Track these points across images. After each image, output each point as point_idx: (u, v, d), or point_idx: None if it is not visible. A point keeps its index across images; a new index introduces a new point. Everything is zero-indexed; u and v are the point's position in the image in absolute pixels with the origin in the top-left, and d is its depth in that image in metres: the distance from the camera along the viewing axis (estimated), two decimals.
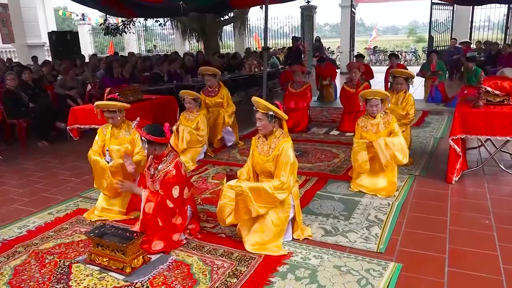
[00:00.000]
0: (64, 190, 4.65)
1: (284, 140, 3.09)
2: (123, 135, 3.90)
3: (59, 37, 13.89)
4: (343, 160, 5.24)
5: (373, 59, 21.78)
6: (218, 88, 6.03)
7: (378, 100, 4.11)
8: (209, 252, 3.09)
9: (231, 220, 3.11)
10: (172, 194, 3.09)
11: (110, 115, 3.83)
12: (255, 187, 3.00)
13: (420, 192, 4.17)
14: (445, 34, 14.82)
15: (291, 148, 3.07)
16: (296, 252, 3.05)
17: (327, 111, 8.82)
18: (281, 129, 3.18)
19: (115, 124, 3.89)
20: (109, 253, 2.89)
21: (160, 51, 21.89)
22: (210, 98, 5.99)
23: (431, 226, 3.42)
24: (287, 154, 3.02)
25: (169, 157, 3.20)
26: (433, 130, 6.74)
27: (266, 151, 3.15)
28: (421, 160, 5.13)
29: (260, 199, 2.99)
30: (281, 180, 2.99)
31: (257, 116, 3.12)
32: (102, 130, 3.99)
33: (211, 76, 5.96)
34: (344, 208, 3.81)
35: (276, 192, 2.98)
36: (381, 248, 3.07)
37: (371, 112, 4.19)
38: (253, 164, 3.30)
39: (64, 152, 6.29)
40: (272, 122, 3.09)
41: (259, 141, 3.27)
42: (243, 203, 2.99)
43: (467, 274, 2.73)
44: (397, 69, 5.73)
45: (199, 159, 5.48)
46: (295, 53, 12.03)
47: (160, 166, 3.18)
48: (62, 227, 3.65)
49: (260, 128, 3.14)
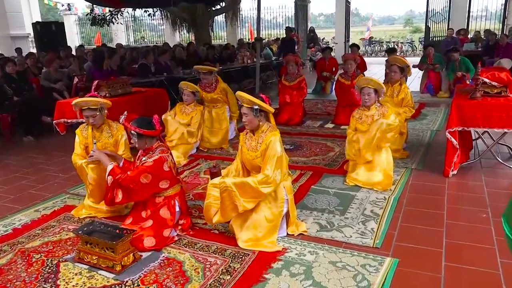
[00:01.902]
0: (51, 187, 4.62)
1: (272, 134, 3.09)
2: (106, 138, 3.75)
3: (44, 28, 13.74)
4: (338, 154, 5.26)
5: (368, 50, 21.82)
6: (215, 83, 5.92)
7: (371, 89, 4.13)
8: (201, 249, 3.09)
9: (218, 218, 3.11)
10: (140, 179, 3.10)
11: (90, 113, 3.66)
12: (239, 182, 3.00)
13: (416, 186, 4.20)
14: (442, 24, 14.87)
15: (279, 141, 3.06)
16: (290, 248, 3.06)
17: (322, 103, 8.83)
18: (268, 123, 3.17)
19: (95, 124, 3.72)
20: (99, 251, 2.88)
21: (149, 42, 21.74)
22: (207, 94, 5.94)
23: (427, 220, 3.44)
24: (274, 148, 3.02)
25: (155, 152, 3.18)
26: (430, 123, 6.78)
27: (254, 146, 3.15)
28: (417, 153, 5.16)
29: (245, 194, 2.98)
30: (265, 173, 2.98)
31: (242, 111, 3.12)
32: (81, 132, 3.83)
33: (206, 74, 5.87)
34: (340, 202, 3.83)
35: (261, 186, 2.96)
36: (377, 243, 3.09)
37: (364, 101, 4.20)
38: (243, 161, 3.29)
39: (51, 147, 6.24)
40: (258, 116, 3.08)
41: (247, 136, 3.26)
42: (229, 199, 2.99)
43: (464, 268, 2.76)
44: (392, 56, 5.74)
45: (191, 153, 5.46)
46: (288, 44, 11.99)
47: (144, 158, 3.20)
48: (49, 225, 3.62)
49: (246, 123, 3.14)
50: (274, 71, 12.04)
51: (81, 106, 3.69)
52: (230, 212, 3.05)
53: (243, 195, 2.98)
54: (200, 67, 5.98)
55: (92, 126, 3.78)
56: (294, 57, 7.45)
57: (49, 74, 7.72)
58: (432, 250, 2.99)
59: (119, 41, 19.35)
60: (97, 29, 19.82)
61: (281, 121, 6.91)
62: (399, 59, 5.30)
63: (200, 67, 5.98)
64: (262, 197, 3.03)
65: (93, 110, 3.67)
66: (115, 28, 21.25)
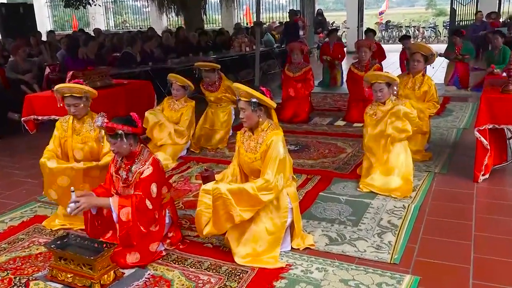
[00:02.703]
0: (19, 194, 4.63)
1: (274, 133, 3.08)
2: (87, 131, 3.76)
3: (10, 10, 13.77)
4: (351, 156, 5.27)
5: (385, 35, 21.85)
6: (219, 81, 6.00)
7: (382, 85, 4.15)
8: (193, 265, 3.10)
9: (209, 229, 3.10)
10: (151, 193, 3.07)
11: (73, 102, 3.68)
12: (235, 189, 2.99)
13: (440, 192, 4.21)
14: (470, 7, 14.89)
15: (282, 141, 3.06)
16: (295, 264, 3.07)
17: (332, 97, 8.84)
18: (269, 120, 3.17)
19: (77, 115, 3.74)
20: (74, 267, 2.88)
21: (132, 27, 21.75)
22: (210, 93, 6.00)
23: (453, 232, 3.45)
24: (276, 148, 3.01)
25: (144, 155, 3.18)
26: (456, 120, 6.79)
27: (253, 147, 3.15)
28: (442, 155, 5.17)
29: (243, 202, 2.98)
30: (265, 178, 2.97)
31: (239, 106, 3.11)
32: (62, 124, 3.85)
33: (208, 72, 5.93)
34: (352, 212, 3.84)
35: (260, 193, 2.96)
36: (395, 258, 3.10)
37: (377, 98, 4.23)
38: (240, 164, 3.30)
39: (19, 149, 6.24)
40: (257, 111, 3.07)
41: (245, 136, 3.26)
42: (223, 208, 2.98)
43: (495, 287, 2.76)
44: (415, 43, 5.72)
45: (182, 155, 5.48)
46: (292, 29, 11.99)
47: (134, 167, 3.14)
48: (17, 238, 3.63)
49: (244, 120, 3.13)
50: (276, 60, 12.06)
51: (63, 92, 3.69)
52: (225, 223, 3.05)
53: (239, 203, 2.97)
54: (202, 64, 6.06)
55: (74, 116, 3.78)
56: (299, 44, 7.47)
57: (16, 64, 7.73)
58: (458, 267, 2.99)
59: (98, 25, 19.40)
60: (72, 11, 19.78)
61: (285, 118, 6.92)
62: (423, 46, 5.29)
63: (202, 64, 6.06)
64: (261, 206, 3.04)
65: (76, 98, 3.68)
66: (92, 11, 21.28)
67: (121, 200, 3.04)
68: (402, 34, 14.22)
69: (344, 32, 19.33)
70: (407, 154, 4.22)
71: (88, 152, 3.75)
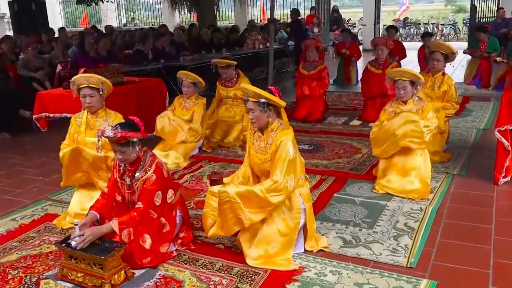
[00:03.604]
0: (30, 192, 4.68)
1: (283, 133, 3.08)
2: (100, 125, 3.81)
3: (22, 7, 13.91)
4: (366, 156, 5.25)
5: (403, 33, 21.68)
6: (237, 78, 6.09)
7: (406, 82, 4.11)
8: (204, 266, 3.11)
9: (214, 231, 3.12)
10: (154, 202, 3.10)
11: (89, 92, 3.71)
12: (244, 192, 2.98)
13: (459, 194, 4.18)
14: (491, 3, 14.70)
15: (292, 141, 3.05)
16: (309, 267, 3.07)
17: (347, 96, 8.81)
18: (279, 119, 3.17)
19: (92, 107, 3.78)
20: (85, 267, 2.91)
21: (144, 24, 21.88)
22: (226, 89, 6.06)
23: (472, 236, 3.42)
24: (285, 149, 3.01)
25: (147, 161, 3.18)
26: (476, 120, 6.73)
27: (263, 148, 3.15)
28: (461, 156, 5.13)
29: (251, 205, 2.98)
30: (274, 179, 2.97)
31: (248, 106, 3.11)
32: (76, 119, 3.93)
33: (225, 68, 6.01)
34: (367, 213, 3.83)
35: (270, 195, 2.96)
36: (411, 262, 3.08)
37: (399, 96, 4.19)
38: (251, 164, 3.31)
39: (30, 146, 6.32)
40: (266, 111, 3.05)
41: (255, 136, 3.26)
42: (232, 212, 2.99)
43: None
44: (434, 42, 5.67)
45: (193, 154, 5.50)
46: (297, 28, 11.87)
47: (138, 174, 3.15)
48: (28, 236, 3.68)
49: (254, 121, 3.13)
50: (290, 58, 12.04)
51: (80, 83, 3.73)
52: (233, 226, 3.06)
53: (248, 205, 2.98)
54: (219, 61, 6.13)
55: (88, 109, 3.82)
56: (314, 41, 7.45)
57: (28, 61, 7.83)
58: (476, 271, 2.97)
59: (109, 22, 19.53)
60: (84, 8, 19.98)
61: (299, 117, 6.92)
62: (442, 45, 5.25)
63: (219, 61, 6.13)
64: (271, 207, 3.04)
65: (93, 89, 3.73)
66: (104, 8, 21.44)
67: (121, 222, 3.03)
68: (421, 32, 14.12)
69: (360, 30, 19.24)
70: (425, 155, 4.19)
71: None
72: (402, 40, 16.77)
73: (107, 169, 3.73)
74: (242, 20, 17.69)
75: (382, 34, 17.06)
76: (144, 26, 19.74)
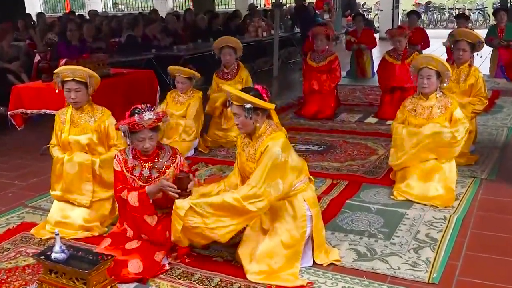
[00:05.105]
0: (4, 197, 4.69)
1: (270, 137, 3.06)
2: (86, 121, 3.86)
3: None
4: (383, 158, 5.25)
5: (425, 19, 21.65)
6: (236, 69, 6.10)
7: (431, 71, 4.10)
8: (200, 282, 3.12)
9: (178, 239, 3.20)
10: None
11: (75, 86, 3.73)
12: (217, 204, 3.03)
13: (487, 201, 4.17)
14: None
15: (281, 145, 3.03)
16: (318, 282, 3.07)
17: (362, 90, 8.81)
18: (269, 121, 3.16)
19: (77, 102, 3.81)
20: (66, 282, 2.92)
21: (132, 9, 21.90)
22: (224, 82, 6.02)
23: (501, 248, 3.42)
24: (269, 154, 2.99)
25: (167, 149, 3.38)
26: (507, 117, 6.72)
27: (252, 155, 3.14)
28: (489, 159, 5.12)
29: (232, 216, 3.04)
30: (249, 183, 2.99)
31: (233, 111, 3.12)
32: (59, 117, 3.96)
33: (231, 49, 6.03)
34: (384, 223, 3.83)
35: (247, 202, 2.97)
36: (434, 277, 3.08)
37: (421, 86, 4.18)
38: (242, 173, 3.30)
39: (4, 147, 6.33)
40: (250, 117, 3.01)
41: (244, 141, 3.27)
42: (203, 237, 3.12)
43: None
44: (459, 29, 5.64)
45: (188, 156, 5.51)
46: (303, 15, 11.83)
47: (164, 161, 3.31)
48: (2, 248, 3.68)
49: (240, 126, 3.13)
50: (297, 47, 12.04)
51: (65, 76, 3.75)
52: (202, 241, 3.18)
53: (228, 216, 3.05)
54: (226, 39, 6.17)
55: (73, 105, 3.86)
56: (324, 28, 7.40)
57: (1, 51, 7.83)
58: None
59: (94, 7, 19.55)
60: None
61: (308, 114, 6.92)
62: (468, 33, 5.23)
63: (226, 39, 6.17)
64: (254, 216, 3.09)
65: (79, 83, 3.75)
66: None
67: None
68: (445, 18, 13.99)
69: (377, 15, 19.22)
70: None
71: (85, 145, 3.84)
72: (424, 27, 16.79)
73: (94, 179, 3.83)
74: (243, 4, 17.69)
75: (401, 21, 17.04)
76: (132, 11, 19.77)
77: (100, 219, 3.86)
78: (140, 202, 3.22)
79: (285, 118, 6.83)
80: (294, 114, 7.20)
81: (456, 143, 4.10)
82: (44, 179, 4.91)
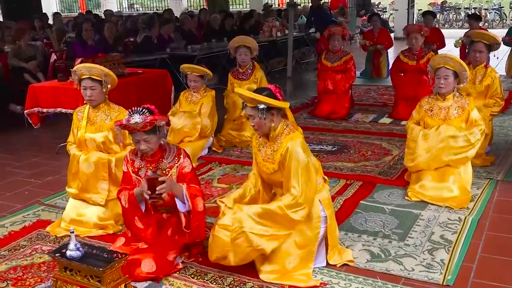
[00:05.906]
0: (20, 195, 4.74)
1: (289, 138, 3.06)
2: (102, 120, 3.91)
3: None
4: (397, 159, 5.23)
5: (440, 19, 21.49)
6: (252, 69, 6.10)
7: (449, 71, 4.07)
8: (214, 281, 3.13)
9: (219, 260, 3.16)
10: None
11: (90, 84, 3.80)
12: (263, 213, 3.01)
13: (503, 203, 4.14)
14: None
15: (301, 145, 3.03)
16: (331, 283, 3.07)
17: (376, 91, 8.78)
18: (285, 121, 3.15)
19: (92, 100, 3.87)
20: (81, 279, 2.94)
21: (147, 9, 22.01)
22: (239, 82, 6.05)
23: None
24: (295, 156, 2.99)
25: (172, 149, 3.34)
26: None
27: (270, 155, 3.14)
28: (505, 160, 5.08)
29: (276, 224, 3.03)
30: (293, 193, 2.98)
31: (247, 113, 3.11)
32: (77, 114, 4.03)
33: (247, 48, 6.02)
34: (398, 224, 3.81)
35: (290, 211, 2.98)
36: (448, 279, 3.07)
37: (438, 87, 4.15)
38: (260, 173, 3.30)
39: (21, 145, 6.39)
40: (264, 117, 3.00)
41: (260, 141, 3.26)
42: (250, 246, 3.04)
43: None
44: (476, 31, 5.59)
45: (202, 155, 5.53)
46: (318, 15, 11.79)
47: (168, 161, 3.29)
48: (18, 245, 3.72)
49: (255, 128, 3.13)
50: (312, 47, 12.02)
51: (82, 74, 3.82)
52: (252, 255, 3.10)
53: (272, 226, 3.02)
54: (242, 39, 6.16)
55: (89, 102, 3.92)
56: (340, 28, 7.38)
57: (19, 50, 7.91)
58: None
59: (109, 6, 19.68)
60: None
61: (322, 114, 6.91)
62: (485, 34, 5.20)
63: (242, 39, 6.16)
64: (296, 225, 3.06)
65: (95, 81, 3.81)
66: None
67: (192, 189, 3.21)
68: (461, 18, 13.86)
69: (392, 15, 19.10)
70: None
71: (100, 143, 3.90)
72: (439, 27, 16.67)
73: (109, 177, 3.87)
74: (258, 4, 17.69)
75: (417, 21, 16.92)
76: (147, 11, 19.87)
77: (114, 218, 3.90)
78: (129, 203, 3.26)
79: (299, 118, 6.82)
80: (308, 114, 7.20)
81: (470, 145, 4.07)
82: (59, 178, 4.97)
